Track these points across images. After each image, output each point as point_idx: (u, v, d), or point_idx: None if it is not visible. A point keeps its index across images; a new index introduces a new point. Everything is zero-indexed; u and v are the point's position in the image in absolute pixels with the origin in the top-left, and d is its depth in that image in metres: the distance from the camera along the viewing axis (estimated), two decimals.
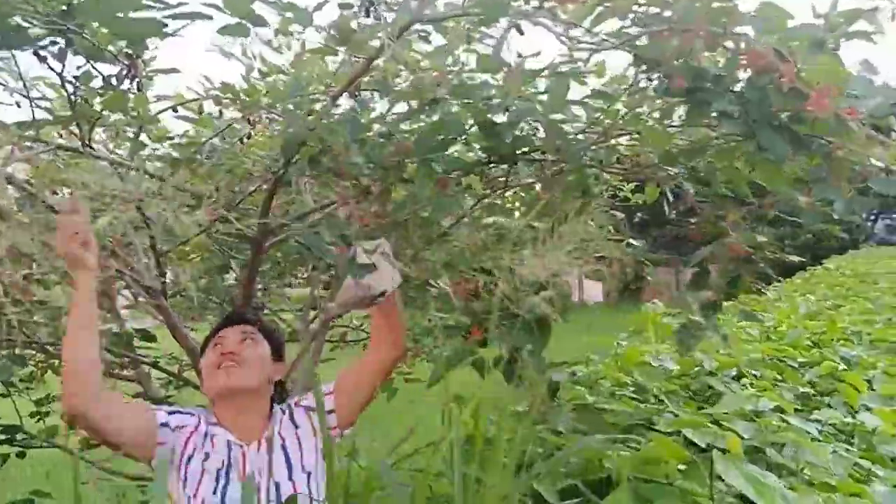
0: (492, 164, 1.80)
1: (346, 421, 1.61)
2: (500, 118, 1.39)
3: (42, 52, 1.29)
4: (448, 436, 1.12)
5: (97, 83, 1.53)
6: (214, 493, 1.44)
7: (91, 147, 1.69)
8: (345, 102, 1.89)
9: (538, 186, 2.10)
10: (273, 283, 3.23)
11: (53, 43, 1.13)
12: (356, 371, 1.66)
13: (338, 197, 1.50)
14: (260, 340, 1.65)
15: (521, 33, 1.22)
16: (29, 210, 1.54)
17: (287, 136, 1.49)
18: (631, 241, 1.80)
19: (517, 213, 2.58)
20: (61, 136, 2.00)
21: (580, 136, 1.51)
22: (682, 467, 1.38)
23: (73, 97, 1.57)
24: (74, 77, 1.49)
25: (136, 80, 1.43)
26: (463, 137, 1.61)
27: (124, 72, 1.39)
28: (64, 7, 1.05)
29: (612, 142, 1.55)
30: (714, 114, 1.15)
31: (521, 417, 1.67)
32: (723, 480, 1.35)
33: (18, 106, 1.65)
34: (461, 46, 1.79)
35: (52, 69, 1.44)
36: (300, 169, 1.95)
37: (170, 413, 1.58)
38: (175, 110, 2.16)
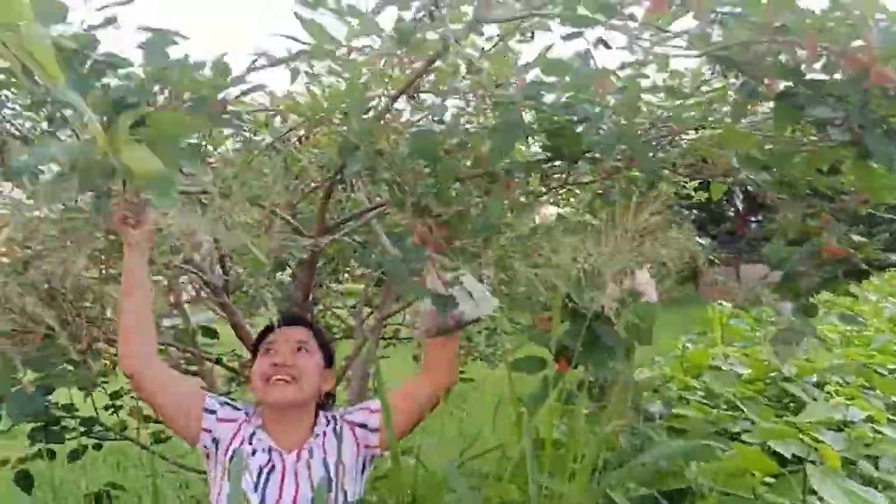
0: (552, 163, 1.77)
1: (388, 443, 1.49)
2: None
3: None
4: (517, 441, 1.11)
5: None
6: (255, 490, 1.45)
7: None
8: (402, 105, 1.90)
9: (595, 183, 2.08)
10: (328, 279, 3.25)
11: None
12: (407, 394, 1.59)
13: (410, 224, 1.49)
14: (313, 350, 1.61)
15: (608, 47, 1.19)
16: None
17: (343, 142, 1.50)
18: (697, 239, 1.75)
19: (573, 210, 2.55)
20: None
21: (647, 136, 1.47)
22: (769, 480, 1.31)
23: None
24: None
25: None
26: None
27: None
28: None
29: (685, 142, 1.51)
30: (810, 119, 1.10)
31: (592, 422, 1.64)
32: (817, 495, 1.27)
33: None
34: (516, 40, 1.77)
35: None
36: (356, 172, 1.96)
37: (220, 403, 1.60)
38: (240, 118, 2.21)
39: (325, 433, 1.56)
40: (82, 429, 2.07)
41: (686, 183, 2.33)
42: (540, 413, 1.26)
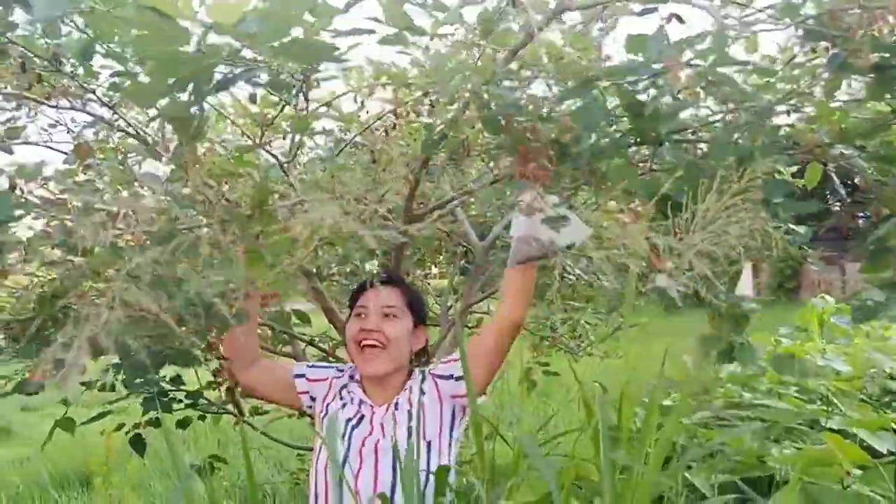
0: (636, 146, 1.76)
1: (478, 389, 1.56)
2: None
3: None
4: (592, 421, 1.13)
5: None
6: (343, 440, 1.56)
7: (260, 145, 1.85)
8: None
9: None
10: (414, 267, 3.32)
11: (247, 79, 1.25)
12: (486, 336, 1.64)
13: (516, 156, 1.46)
14: (402, 314, 1.67)
15: (682, 22, 1.18)
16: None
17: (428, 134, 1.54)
18: (793, 228, 1.68)
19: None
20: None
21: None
22: (857, 471, 1.26)
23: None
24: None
25: (305, 93, 1.55)
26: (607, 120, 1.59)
27: (295, 90, 1.52)
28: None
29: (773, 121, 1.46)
30: None
31: (668, 410, 1.62)
32: None
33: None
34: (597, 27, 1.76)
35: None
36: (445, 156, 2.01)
37: (307, 366, 1.78)
38: (329, 105, 2.31)
39: (411, 388, 1.63)
40: (188, 401, 2.24)
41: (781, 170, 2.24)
42: (618, 399, 1.27)
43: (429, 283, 3.54)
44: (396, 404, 1.61)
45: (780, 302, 16.81)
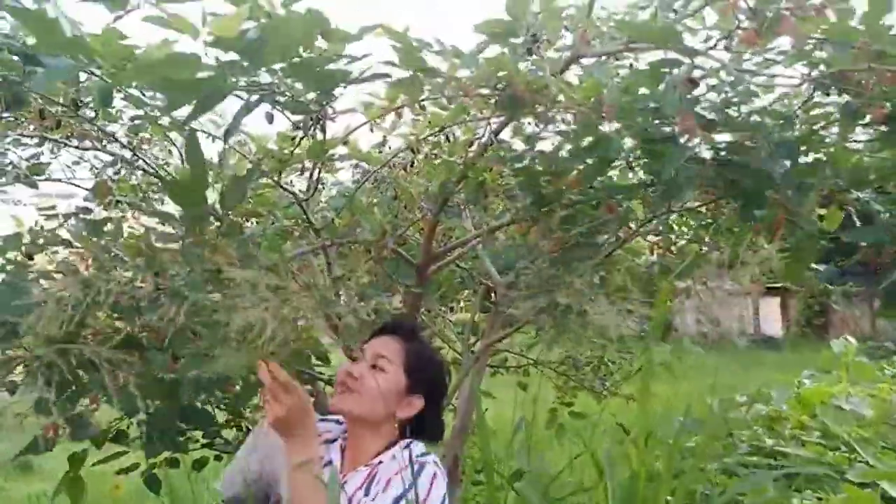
0: (654, 187, 1.75)
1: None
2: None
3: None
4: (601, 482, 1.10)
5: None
6: None
7: (279, 183, 1.87)
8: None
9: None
10: (436, 306, 3.31)
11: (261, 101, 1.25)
12: None
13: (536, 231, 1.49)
14: (391, 369, 1.49)
15: (696, 85, 1.17)
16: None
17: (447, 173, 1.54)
18: (816, 267, 1.66)
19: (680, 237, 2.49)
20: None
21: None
22: None
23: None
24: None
25: (322, 123, 1.56)
26: (624, 159, 1.59)
27: (311, 119, 1.53)
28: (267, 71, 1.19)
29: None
30: None
31: (691, 453, 1.59)
32: None
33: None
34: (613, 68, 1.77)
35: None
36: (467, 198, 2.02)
37: (319, 420, 1.55)
38: (346, 143, 2.35)
39: (375, 466, 1.43)
40: (205, 440, 2.23)
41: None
42: (637, 442, 1.24)
43: (450, 320, 3.52)
44: (346, 483, 1.41)
45: (809, 340, 16.48)
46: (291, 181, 2.60)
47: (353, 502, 1.36)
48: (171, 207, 1.72)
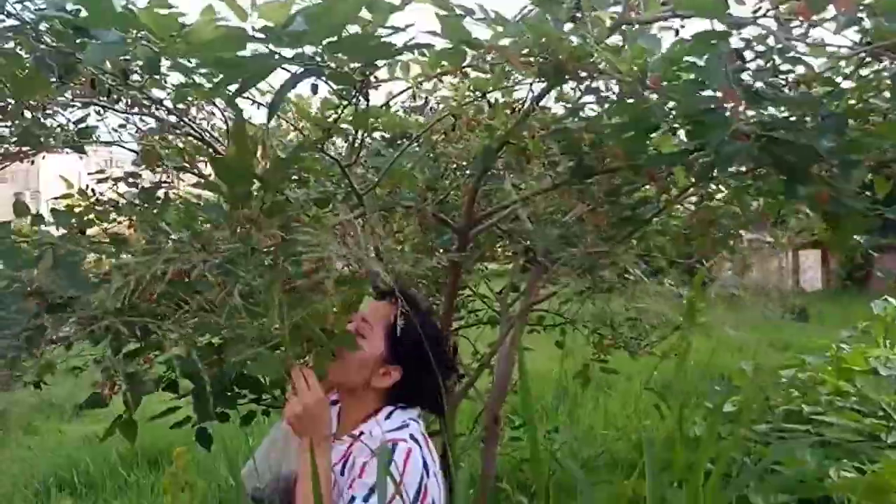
0: (698, 153, 1.74)
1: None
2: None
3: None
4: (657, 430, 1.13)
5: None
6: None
7: (322, 149, 1.90)
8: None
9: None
10: (476, 264, 3.33)
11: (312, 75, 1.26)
12: None
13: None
14: (372, 336, 1.45)
15: (743, 60, 1.16)
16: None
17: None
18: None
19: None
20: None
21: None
22: None
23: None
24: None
25: (365, 92, 1.58)
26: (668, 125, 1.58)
27: (355, 89, 1.55)
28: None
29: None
30: None
31: (729, 418, 1.61)
32: None
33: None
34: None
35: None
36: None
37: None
38: (388, 107, 2.36)
39: (352, 447, 1.41)
40: (252, 396, 2.32)
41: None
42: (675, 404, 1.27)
43: (488, 280, 3.56)
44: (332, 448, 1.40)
45: (850, 292, 16.15)
46: (335, 143, 2.62)
47: (334, 476, 1.35)
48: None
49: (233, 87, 1.26)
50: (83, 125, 2.27)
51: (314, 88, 1.56)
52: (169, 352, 1.35)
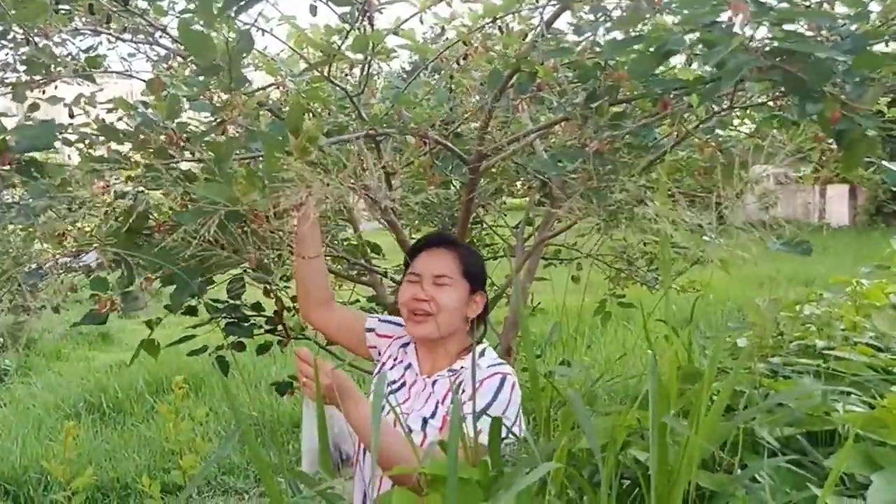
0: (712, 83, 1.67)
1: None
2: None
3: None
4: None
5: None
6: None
7: (329, 77, 1.85)
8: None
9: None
10: (491, 197, 3.31)
11: None
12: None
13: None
14: (455, 283, 1.60)
15: None
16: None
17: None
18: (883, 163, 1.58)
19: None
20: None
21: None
22: None
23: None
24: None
25: (369, 15, 1.52)
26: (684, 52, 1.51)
27: (358, 10, 1.49)
28: None
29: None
30: None
31: (740, 353, 1.59)
32: None
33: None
34: None
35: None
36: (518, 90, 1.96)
37: (380, 320, 1.77)
38: (396, 33, 2.29)
39: (459, 372, 1.57)
40: (268, 326, 2.36)
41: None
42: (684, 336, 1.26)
43: (504, 215, 3.53)
44: (434, 383, 1.58)
45: (878, 227, 15.86)
46: (347, 74, 2.57)
47: (446, 403, 1.51)
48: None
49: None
50: (93, 53, 2.23)
51: (313, 10, 1.51)
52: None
